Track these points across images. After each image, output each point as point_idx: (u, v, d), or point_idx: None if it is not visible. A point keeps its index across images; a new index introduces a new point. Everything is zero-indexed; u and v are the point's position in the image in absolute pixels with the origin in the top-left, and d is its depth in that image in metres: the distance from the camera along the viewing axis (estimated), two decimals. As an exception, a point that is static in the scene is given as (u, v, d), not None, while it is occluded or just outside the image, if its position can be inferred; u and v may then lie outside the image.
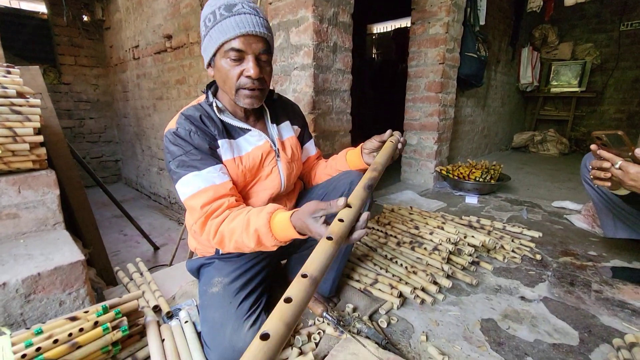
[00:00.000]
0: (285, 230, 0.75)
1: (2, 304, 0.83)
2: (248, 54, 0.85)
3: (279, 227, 0.76)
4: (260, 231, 0.77)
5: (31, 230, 1.10)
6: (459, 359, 0.93)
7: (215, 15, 0.84)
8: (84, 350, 0.77)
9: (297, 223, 0.73)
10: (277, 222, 0.77)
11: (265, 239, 0.78)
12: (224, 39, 0.83)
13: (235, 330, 0.82)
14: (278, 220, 0.77)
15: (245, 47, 0.84)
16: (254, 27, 0.83)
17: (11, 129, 0.99)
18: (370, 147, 1.03)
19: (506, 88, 4.32)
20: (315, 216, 0.69)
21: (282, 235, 0.77)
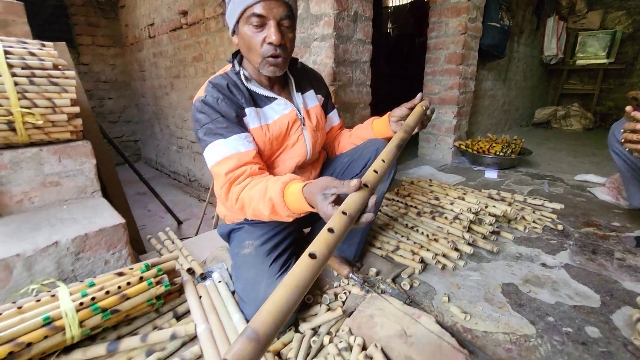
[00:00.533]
0: (298, 202, 0.73)
1: (56, 260, 0.91)
2: (269, 19, 0.85)
3: (292, 198, 0.75)
4: (275, 200, 0.77)
5: (72, 197, 1.17)
6: (481, 318, 0.96)
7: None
8: (132, 302, 0.85)
9: (308, 196, 0.71)
10: (290, 193, 0.76)
11: (279, 208, 0.77)
12: (246, 4, 0.83)
13: (269, 285, 0.87)
14: (291, 190, 0.76)
15: (267, 12, 0.84)
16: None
17: (50, 100, 1.04)
18: (399, 114, 1.03)
19: (529, 60, 4.14)
20: (325, 193, 0.65)
21: (295, 207, 0.75)
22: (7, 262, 0.83)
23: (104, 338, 0.85)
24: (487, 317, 0.97)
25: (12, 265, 0.84)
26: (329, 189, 0.65)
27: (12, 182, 1.04)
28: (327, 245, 0.51)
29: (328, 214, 0.62)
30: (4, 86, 0.95)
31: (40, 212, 1.08)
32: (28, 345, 0.69)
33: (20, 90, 0.98)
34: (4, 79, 0.96)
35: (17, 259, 0.84)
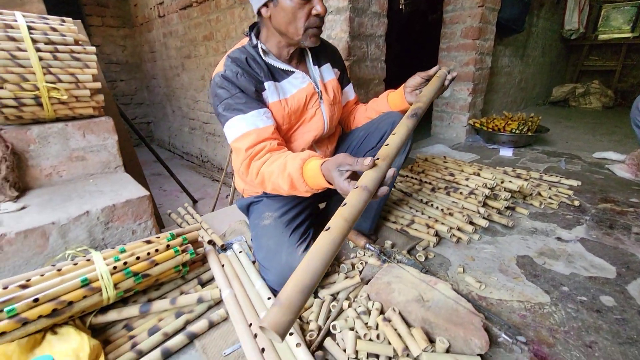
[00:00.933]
0: (316, 178, 0.76)
1: (87, 229, 0.95)
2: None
3: (310, 174, 0.78)
4: (294, 176, 0.80)
5: (97, 172, 1.21)
6: (496, 287, 0.98)
7: None
8: (160, 267, 0.89)
9: (325, 172, 0.73)
10: (309, 169, 0.78)
11: (298, 184, 0.80)
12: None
13: (290, 254, 0.90)
14: (310, 167, 0.78)
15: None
16: None
17: (74, 75, 1.06)
18: (413, 84, 1.03)
19: (548, 35, 3.98)
20: (340, 169, 0.68)
21: (313, 183, 0.78)
22: (44, 229, 0.88)
23: (135, 301, 0.90)
24: (502, 287, 0.99)
25: (49, 232, 0.89)
26: (343, 166, 0.68)
27: (42, 156, 1.08)
28: (344, 219, 0.54)
29: (344, 189, 0.65)
30: (30, 61, 0.98)
31: (69, 185, 1.13)
32: (69, 304, 0.75)
33: (45, 65, 1.01)
34: (30, 54, 0.98)
35: (53, 227, 0.89)
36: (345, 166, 0.67)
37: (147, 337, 0.80)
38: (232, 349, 0.78)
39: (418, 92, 1.03)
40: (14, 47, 0.97)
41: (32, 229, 0.86)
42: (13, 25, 1.00)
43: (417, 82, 1.01)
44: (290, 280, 0.46)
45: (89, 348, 0.70)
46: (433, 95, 0.89)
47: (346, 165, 0.67)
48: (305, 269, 0.47)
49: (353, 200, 0.57)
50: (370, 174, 0.63)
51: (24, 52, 0.98)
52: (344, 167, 0.67)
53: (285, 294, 0.44)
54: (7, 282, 0.74)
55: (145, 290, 0.92)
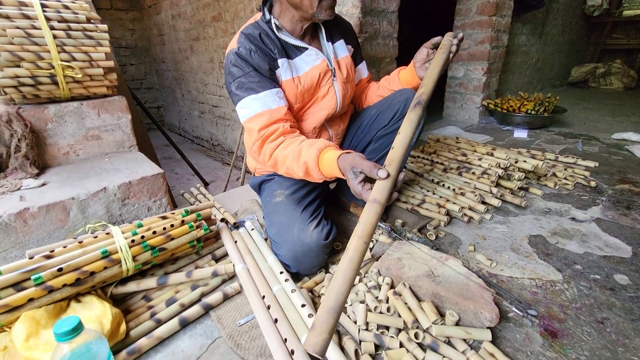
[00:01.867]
0: (331, 169, 0.78)
1: (105, 205, 0.98)
2: None
3: (326, 164, 0.79)
4: (309, 164, 0.81)
5: (112, 151, 1.23)
6: (507, 265, 0.98)
7: None
8: (176, 242, 0.92)
9: (341, 168, 0.74)
10: (325, 159, 0.79)
11: (314, 172, 0.82)
12: None
13: (302, 229, 0.92)
14: (326, 158, 0.79)
15: None
16: None
17: (87, 54, 1.07)
18: (420, 58, 1.00)
19: (569, 12, 3.80)
20: (355, 171, 0.69)
21: (328, 172, 0.80)
22: (65, 204, 0.91)
23: (153, 274, 0.93)
24: (513, 265, 0.99)
25: (69, 207, 0.92)
26: (357, 168, 0.69)
27: (59, 135, 1.11)
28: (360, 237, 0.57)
29: (357, 191, 0.68)
30: (45, 39, 0.99)
31: (85, 164, 1.15)
32: (91, 274, 0.78)
33: (59, 43, 1.02)
34: (44, 32, 0.99)
35: (73, 202, 0.92)
36: (359, 169, 0.68)
37: (165, 308, 0.83)
38: (246, 320, 0.81)
39: (428, 65, 1.00)
40: (29, 25, 0.98)
41: (53, 203, 0.89)
42: (27, 2, 1.00)
43: (424, 55, 0.99)
44: (321, 304, 0.52)
45: (112, 315, 0.74)
46: (438, 71, 0.86)
47: (360, 168, 0.68)
48: (330, 291, 0.52)
49: (366, 217, 0.60)
50: (382, 183, 0.64)
51: (38, 30, 0.99)
52: (358, 169, 0.69)
53: (317, 318, 0.50)
54: (33, 252, 0.77)
55: (162, 264, 0.95)
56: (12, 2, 0.98)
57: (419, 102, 0.78)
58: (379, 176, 0.64)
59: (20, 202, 0.88)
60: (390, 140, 1.10)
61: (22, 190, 0.96)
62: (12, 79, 0.98)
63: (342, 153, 0.76)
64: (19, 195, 0.93)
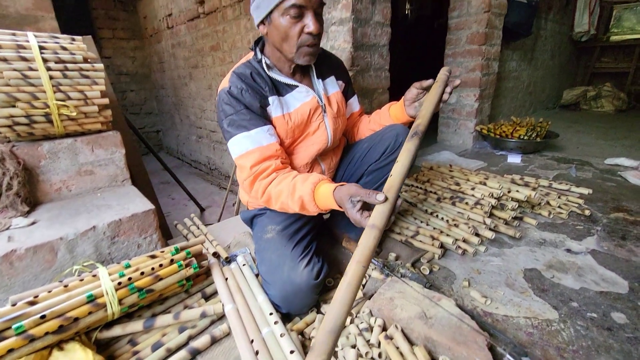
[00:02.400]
0: (327, 201, 0.79)
1: (94, 244, 0.97)
2: (308, 9, 0.84)
3: (322, 197, 0.81)
4: (305, 199, 0.83)
5: (105, 185, 1.24)
6: (502, 303, 0.97)
7: None
8: (164, 282, 0.90)
9: (337, 200, 0.76)
10: (320, 193, 0.81)
11: (309, 206, 0.83)
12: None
13: (292, 268, 0.90)
14: (322, 191, 0.81)
15: (306, 2, 0.83)
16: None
17: (82, 92, 1.09)
18: (410, 97, 1.02)
19: (557, 38, 3.92)
20: (353, 200, 0.71)
21: (324, 205, 0.81)
22: (52, 245, 0.90)
23: (140, 316, 0.91)
24: (508, 302, 0.97)
25: (57, 247, 0.91)
26: (355, 197, 0.71)
27: (52, 171, 1.11)
28: (359, 262, 0.60)
29: (356, 220, 0.70)
30: (41, 80, 1.01)
31: (77, 199, 1.15)
32: (75, 320, 0.76)
33: (55, 83, 1.04)
34: (40, 73, 1.01)
35: (61, 242, 0.91)
36: (357, 197, 0.70)
37: (151, 353, 0.81)
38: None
39: (417, 105, 1.02)
40: (26, 67, 1.00)
41: (41, 244, 0.88)
42: (25, 45, 1.03)
43: (414, 94, 1.01)
44: (320, 326, 0.56)
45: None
46: (432, 108, 0.88)
47: (358, 197, 0.70)
48: (329, 314, 0.54)
49: (365, 241, 0.62)
50: (380, 208, 0.66)
51: (35, 71, 1.01)
52: (356, 198, 0.71)
53: (316, 339, 0.52)
54: (16, 298, 0.76)
55: (149, 304, 0.93)
56: (10, 45, 1.01)
57: (416, 132, 0.80)
58: (378, 200, 0.66)
59: (7, 244, 0.87)
60: (382, 174, 1.11)
61: (11, 229, 0.95)
62: (7, 119, 0.99)
63: (337, 185, 0.79)
64: (7, 235, 0.92)
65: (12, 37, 1.04)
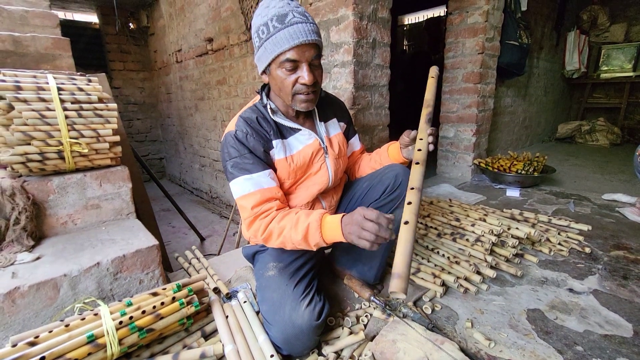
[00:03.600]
0: (333, 227, 0.85)
1: (97, 280, 0.98)
2: (302, 62, 0.89)
3: (328, 225, 0.86)
4: (311, 226, 0.86)
5: (110, 219, 1.25)
6: (506, 345, 0.95)
7: (268, 27, 0.88)
8: (165, 321, 0.89)
9: (345, 221, 0.83)
10: (327, 221, 0.87)
11: (313, 234, 0.87)
12: (279, 51, 0.88)
13: (294, 308, 0.90)
14: (329, 219, 0.87)
15: (299, 57, 0.88)
16: (306, 37, 0.86)
17: (95, 130, 1.14)
18: (404, 143, 1.10)
19: (550, 75, 4.09)
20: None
21: (329, 232, 0.86)
22: (56, 282, 0.90)
23: (138, 356, 0.90)
24: (512, 345, 0.95)
25: (60, 284, 0.91)
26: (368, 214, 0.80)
27: (59, 206, 1.13)
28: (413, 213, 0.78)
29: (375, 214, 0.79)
30: (57, 119, 1.06)
31: (82, 233, 1.17)
32: (74, 362, 0.75)
33: (70, 122, 1.09)
34: (57, 112, 1.06)
35: (64, 279, 0.92)
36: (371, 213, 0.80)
37: (148, 397, 0.79)
38: (232, 413, 0.76)
39: (410, 149, 1.10)
40: (44, 108, 1.06)
41: (44, 281, 0.89)
42: (45, 87, 1.09)
43: (406, 142, 1.09)
44: (397, 258, 0.70)
45: (90, 410, 0.70)
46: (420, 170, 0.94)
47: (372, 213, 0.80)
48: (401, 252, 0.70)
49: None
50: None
51: (52, 111, 1.07)
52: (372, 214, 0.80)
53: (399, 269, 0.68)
54: (17, 339, 0.75)
55: (148, 344, 0.92)
56: (31, 87, 1.07)
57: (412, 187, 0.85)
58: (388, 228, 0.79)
59: (11, 280, 0.88)
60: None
61: (16, 265, 0.96)
62: (21, 156, 1.03)
63: (344, 214, 0.86)
64: (11, 271, 0.93)
65: (33, 80, 1.10)
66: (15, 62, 1.64)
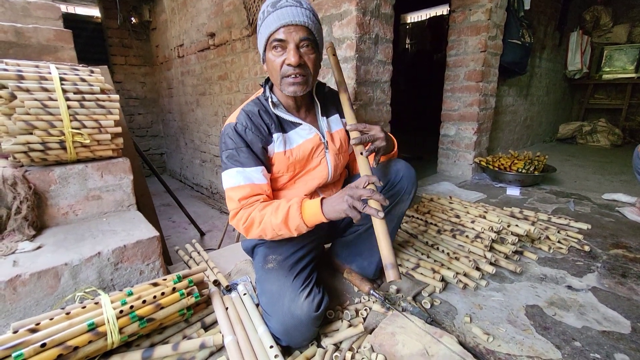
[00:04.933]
0: (313, 208, 0.87)
1: (98, 270, 0.98)
2: (289, 42, 0.89)
3: (309, 207, 0.88)
4: (292, 208, 0.89)
5: (111, 210, 1.26)
6: (504, 340, 0.96)
7: (264, 13, 0.91)
8: (165, 311, 0.90)
9: (327, 201, 0.87)
10: (307, 203, 0.89)
11: (293, 217, 0.89)
12: (269, 33, 0.90)
13: (293, 300, 0.90)
14: (309, 202, 0.90)
15: (287, 37, 0.88)
16: (293, 17, 0.87)
17: (97, 121, 1.14)
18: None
19: (551, 76, 4.09)
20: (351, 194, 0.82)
21: (309, 213, 0.88)
22: (57, 270, 0.91)
23: (138, 345, 0.90)
24: (511, 340, 0.96)
25: (61, 273, 0.91)
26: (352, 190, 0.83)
27: (60, 196, 1.14)
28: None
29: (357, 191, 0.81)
30: (59, 109, 1.06)
31: (83, 224, 1.17)
32: (75, 349, 0.75)
33: (72, 112, 1.09)
34: (59, 102, 1.06)
35: (65, 268, 0.92)
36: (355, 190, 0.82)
37: (148, 385, 0.79)
38: (232, 402, 0.76)
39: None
40: (46, 97, 1.06)
41: (45, 270, 0.89)
42: (47, 77, 1.09)
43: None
44: (383, 250, 0.78)
45: (90, 397, 0.70)
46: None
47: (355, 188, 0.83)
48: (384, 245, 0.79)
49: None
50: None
51: (54, 101, 1.07)
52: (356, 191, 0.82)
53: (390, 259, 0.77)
54: (18, 325, 0.75)
55: (148, 333, 0.92)
56: (33, 77, 1.07)
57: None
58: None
59: (12, 268, 0.88)
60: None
61: (17, 253, 0.96)
62: (23, 145, 1.03)
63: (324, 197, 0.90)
64: (12, 259, 0.93)
65: (36, 69, 1.10)
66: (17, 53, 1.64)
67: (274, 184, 1.08)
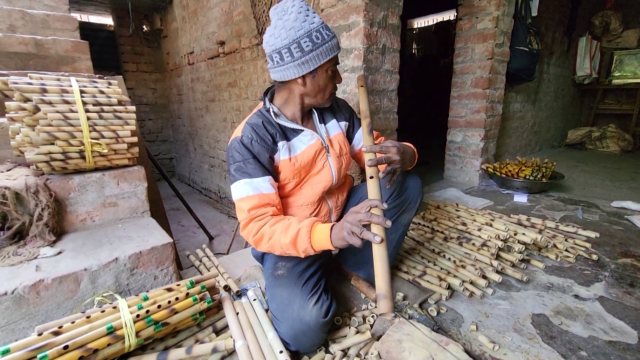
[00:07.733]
0: (322, 234, 0.90)
1: (115, 275, 1.02)
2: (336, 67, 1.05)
3: (318, 232, 0.91)
4: (302, 231, 0.91)
5: (126, 217, 1.30)
6: (510, 349, 0.97)
7: (312, 40, 0.94)
8: (179, 316, 0.93)
9: (335, 229, 0.88)
10: (318, 228, 0.92)
11: (302, 240, 0.91)
12: (327, 59, 0.98)
13: (302, 306, 0.93)
14: (319, 227, 0.92)
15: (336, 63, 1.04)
16: (339, 48, 1.03)
17: (115, 132, 1.19)
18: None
19: (560, 81, 4.07)
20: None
21: (318, 239, 0.90)
22: (77, 275, 0.95)
23: (153, 348, 0.93)
24: (517, 348, 0.97)
25: (80, 278, 0.96)
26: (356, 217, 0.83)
27: (79, 203, 1.18)
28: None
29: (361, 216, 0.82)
30: (79, 121, 1.11)
31: (100, 230, 1.21)
32: (95, 352, 0.79)
33: (91, 124, 1.14)
34: (80, 114, 1.11)
35: (85, 273, 0.96)
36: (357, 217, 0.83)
37: (163, 388, 0.82)
38: (243, 405, 0.79)
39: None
40: (67, 109, 1.11)
41: (67, 274, 0.94)
42: (68, 90, 1.15)
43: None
44: (378, 278, 0.80)
45: (109, 398, 0.74)
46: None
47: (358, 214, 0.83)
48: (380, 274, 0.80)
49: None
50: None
51: (75, 113, 1.12)
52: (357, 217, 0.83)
53: (384, 290, 0.79)
54: (42, 328, 0.80)
55: (162, 337, 0.96)
56: (55, 90, 1.12)
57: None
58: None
59: (35, 273, 0.93)
60: (388, 216, 1.16)
61: (39, 258, 1.01)
62: (45, 155, 1.08)
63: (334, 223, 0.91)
64: (35, 264, 0.97)
65: (57, 83, 1.15)
66: (37, 64, 1.71)
67: (281, 191, 1.11)
